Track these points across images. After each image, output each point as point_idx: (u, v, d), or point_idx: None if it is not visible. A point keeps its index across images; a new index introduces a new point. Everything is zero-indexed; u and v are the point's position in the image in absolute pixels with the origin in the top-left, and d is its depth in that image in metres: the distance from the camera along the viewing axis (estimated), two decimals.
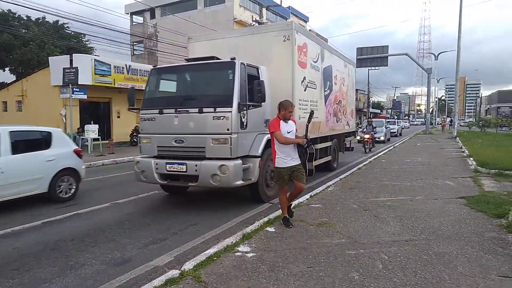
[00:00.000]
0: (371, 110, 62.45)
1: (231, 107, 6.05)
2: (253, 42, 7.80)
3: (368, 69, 48.43)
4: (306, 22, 42.27)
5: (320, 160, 9.77)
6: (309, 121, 5.13)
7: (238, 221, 5.72)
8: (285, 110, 5.02)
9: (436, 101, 66.34)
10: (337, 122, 11.14)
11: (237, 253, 4.13)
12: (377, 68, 42.88)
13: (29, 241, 4.99)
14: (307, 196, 7.02)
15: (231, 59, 6.28)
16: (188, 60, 7.50)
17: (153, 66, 7.38)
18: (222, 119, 6.04)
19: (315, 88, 8.94)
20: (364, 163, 12.26)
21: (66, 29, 29.91)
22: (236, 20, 28.88)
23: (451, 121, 46.31)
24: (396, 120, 39.62)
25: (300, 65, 7.89)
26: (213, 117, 6.10)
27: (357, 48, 34.31)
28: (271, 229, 5.02)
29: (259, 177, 6.53)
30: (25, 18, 29.38)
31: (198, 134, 6.24)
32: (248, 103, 6.27)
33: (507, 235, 4.71)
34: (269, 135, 5.54)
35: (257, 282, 3.43)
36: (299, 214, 5.71)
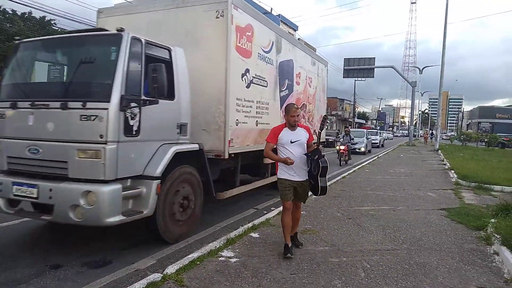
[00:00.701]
0: (356, 120, 63.29)
1: (108, 102, 3.97)
2: (178, 18, 5.81)
3: (355, 80, 49.22)
4: (295, 30, 42.67)
5: (272, 178, 7.58)
6: (321, 128, 4.40)
7: (222, 226, 5.69)
8: (287, 114, 4.30)
9: (419, 114, 67.74)
10: None
11: (220, 258, 4.10)
12: (363, 79, 43.64)
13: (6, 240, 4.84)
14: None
15: (118, 30, 4.26)
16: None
17: (17, 39, 5.13)
18: (94, 119, 3.98)
19: (266, 86, 7.06)
20: (348, 172, 12.38)
21: (53, 26, 29.43)
22: None
23: (432, 133, 47.30)
24: (379, 131, 38.41)
25: (241, 53, 5.99)
26: (81, 116, 4.02)
27: (344, 58, 34.93)
28: (255, 234, 5.01)
29: (157, 208, 4.42)
30: (10, 12, 28.82)
31: (58, 142, 4.15)
32: (144, 97, 4.32)
33: (485, 247, 4.82)
34: (179, 147, 4.77)
35: (239, 287, 3.41)
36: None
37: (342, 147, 15.65)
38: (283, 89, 8.02)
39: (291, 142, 4.22)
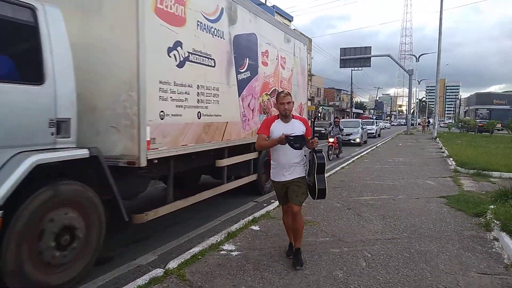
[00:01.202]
0: (354, 110, 63.31)
1: None
2: None
3: (352, 70, 49.13)
4: (290, 21, 42.43)
5: (236, 182, 6.58)
6: (314, 117, 4.21)
7: (223, 220, 5.69)
8: (277, 103, 3.80)
9: (417, 102, 67.77)
10: None
11: (221, 252, 4.11)
12: (360, 68, 43.57)
13: None
14: None
15: None
16: None
17: None
18: None
19: (213, 66, 5.34)
20: (348, 162, 12.39)
21: None
22: None
23: (428, 122, 47.29)
24: (375, 120, 36.12)
25: (165, 19, 4.35)
26: None
27: (340, 48, 34.85)
28: (255, 227, 5.02)
29: (3, 256, 2.84)
30: None
31: None
32: None
33: (485, 233, 4.85)
34: (46, 155, 3.17)
35: (242, 281, 3.43)
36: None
37: (331, 140, 14.25)
38: (243, 71, 6.22)
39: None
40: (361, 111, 74.08)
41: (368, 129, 26.58)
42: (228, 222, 5.46)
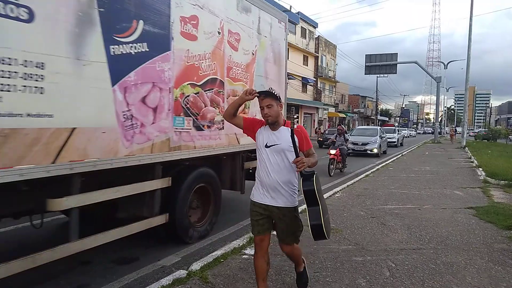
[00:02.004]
0: (379, 117, 62.28)
1: None
2: None
3: (377, 76, 48.40)
4: (315, 28, 42.38)
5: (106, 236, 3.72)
6: (291, 117, 3.02)
7: (245, 224, 5.73)
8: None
9: (445, 110, 65.93)
10: (206, 128, 4.84)
11: (243, 256, 4.14)
12: (385, 75, 42.87)
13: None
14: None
15: None
16: None
17: None
18: None
19: (26, 20, 2.77)
20: (372, 170, 12.20)
21: None
22: None
23: (455, 130, 45.73)
24: (396, 128, 33.03)
25: None
26: None
27: (366, 55, 34.40)
28: None
29: None
30: None
31: None
32: None
33: None
34: None
35: None
36: (305, 219, 5.68)
37: (333, 152, 11.50)
38: (127, 40, 3.66)
39: (266, 147, 2.86)
40: (387, 119, 72.73)
41: (389, 138, 23.83)
42: (250, 227, 5.48)
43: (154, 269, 3.93)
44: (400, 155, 19.12)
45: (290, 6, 31.54)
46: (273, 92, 2.84)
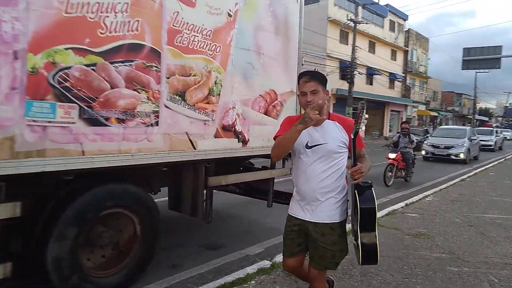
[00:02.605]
0: (477, 117, 56.32)
1: None
2: None
3: (476, 72, 43.71)
4: (405, 20, 39.71)
5: None
6: (355, 128, 2.16)
7: None
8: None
9: None
10: (113, 123, 2.92)
11: None
12: (486, 71, 38.47)
13: None
14: (402, 204, 6.63)
15: None
16: None
17: None
18: None
19: None
20: (468, 174, 11.08)
21: None
22: (330, 19, 28.40)
23: None
24: (494, 129, 27.63)
25: None
26: None
27: (464, 48, 31.04)
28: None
29: None
30: None
31: None
32: None
33: None
34: None
35: (348, 285, 3.36)
36: (392, 222, 5.42)
37: (392, 156, 9.28)
38: None
39: (307, 147, 2.22)
40: (486, 119, 65.39)
41: (483, 140, 19.98)
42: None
43: (239, 257, 4.08)
44: (503, 159, 17.03)
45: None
46: (318, 72, 2.23)
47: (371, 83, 33.58)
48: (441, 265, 3.93)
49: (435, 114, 46.20)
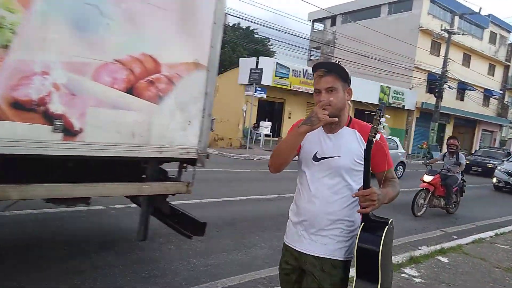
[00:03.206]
0: None
1: None
2: None
3: None
4: (509, 32, 35.81)
5: None
6: (374, 123, 1.57)
7: (404, 242, 5.35)
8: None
9: None
10: None
11: (403, 275, 3.88)
12: None
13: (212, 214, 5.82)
14: (491, 233, 6.01)
15: None
16: None
17: None
18: None
19: None
20: None
21: (255, 34, 33.58)
22: (421, 29, 26.76)
23: None
24: None
25: None
26: None
27: None
28: (443, 259, 4.52)
29: None
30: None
31: None
32: None
33: None
34: None
35: None
36: (479, 251, 4.95)
37: (428, 179, 7.26)
38: None
39: (314, 159, 1.73)
40: None
41: None
42: (411, 246, 5.09)
43: None
44: None
45: (480, 8, 27.42)
46: (338, 64, 1.66)
47: (462, 99, 30.93)
48: None
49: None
